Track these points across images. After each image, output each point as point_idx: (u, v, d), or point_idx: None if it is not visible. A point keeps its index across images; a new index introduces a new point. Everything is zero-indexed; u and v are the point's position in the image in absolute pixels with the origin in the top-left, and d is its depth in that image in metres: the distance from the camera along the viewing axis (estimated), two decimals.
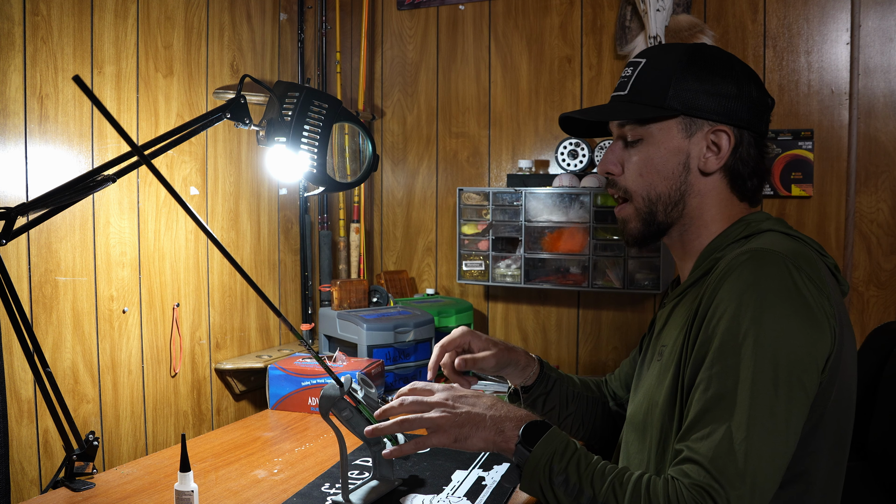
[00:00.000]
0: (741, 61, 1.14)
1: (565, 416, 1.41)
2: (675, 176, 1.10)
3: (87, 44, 1.78)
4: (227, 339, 2.23)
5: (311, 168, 1.50)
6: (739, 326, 0.92)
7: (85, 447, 1.38)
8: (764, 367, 0.90)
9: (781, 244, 0.99)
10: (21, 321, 1.30)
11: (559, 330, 2.41)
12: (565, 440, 1.01)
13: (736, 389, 0.90)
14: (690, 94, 1.08)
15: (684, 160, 1.09)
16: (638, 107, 1.10)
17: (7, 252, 1.59)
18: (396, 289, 2.54)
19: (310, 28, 2.57)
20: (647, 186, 1.11)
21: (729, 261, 0.97)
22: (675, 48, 1.13)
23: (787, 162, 2.08)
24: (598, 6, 2.30)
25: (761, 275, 0.93)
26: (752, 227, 1.08)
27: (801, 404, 0.91)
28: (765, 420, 0.89)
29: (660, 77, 1.09)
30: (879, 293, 2.03)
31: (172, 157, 2.03)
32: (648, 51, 1.16)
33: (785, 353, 0.90)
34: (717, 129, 1.08)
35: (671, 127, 1.09)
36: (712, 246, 1.09)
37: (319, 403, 1.21)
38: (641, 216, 1.12)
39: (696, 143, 1.09)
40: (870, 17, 2.00)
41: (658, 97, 1.09)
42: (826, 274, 1.00)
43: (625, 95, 1.13)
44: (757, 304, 0.92)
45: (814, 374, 0.92)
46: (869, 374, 1.26)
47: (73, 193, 1.31)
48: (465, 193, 2.37)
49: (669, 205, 1.11)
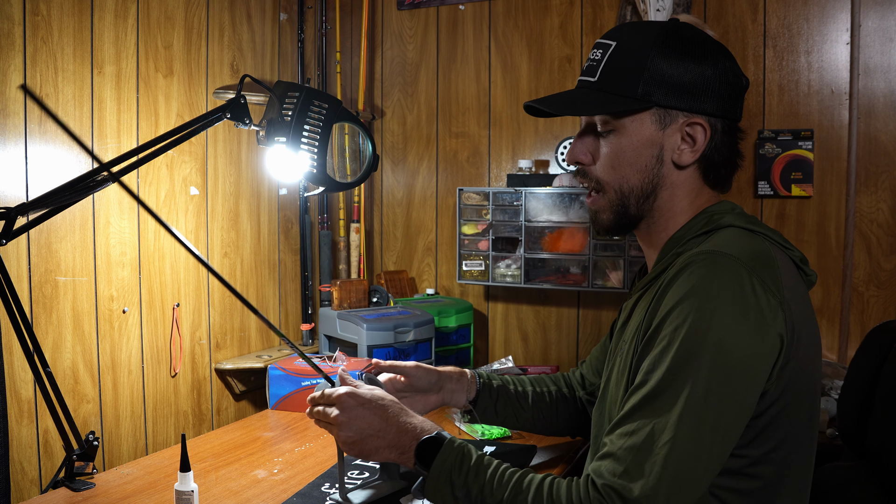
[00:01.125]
0: (715, 40, 1.07)
1: (525, 418, 1.41)
2: (647, 169, 1.05)
3: (87, 44, 1.78)
4: (227, 339, 2.23)
5: (311, 168, 1.50)
6: (680, 330, 0.90)
7: (85, 447, 1.38)
8: (699, 373, 0.88)
9: (739, 244, 0.96)
10: (21, 321, 1.30)
11: (559, 330, 2.41)
12: (460, 452, 1.01)
13: (667, 391, 0.89)
14: (664, 82, 1.02)
15: (657, 153, 1.05)
16: (608, 97, 1.04)
17: (7, 252, 1.59)
18: (396, 289, 2.54)
19: (310, 28, 2.57)
20: (620, 179, 1.06)
21: (682, 262, 0.95)
22: (647, 28, 1.05)
23: (787, 162, 2.08)
24: (598, 6, 2.30)
25: (710, 279, 0.91)
26: (714, 220, 1.04)
27: (735, 413, 0.89)
28: (692, 425, 0.87)
29: (631, 64, 1.03)
30: (879, 293, 2.03)
31: (172, 157, 2.03)
32: (618, 31, 1.08)
33: (723, 361, 0.88)
34: (692, 121, 1.03)
35: (644, 119, 1.04)
36: (673, 239, 1.07)
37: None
38: (613, 208, 1.08)
39: (671, 134, 1.04)
40: (870, 17, 2.00)
41: (630, 87, 1.02)
42: (787, 270, 0.98)
43: (594, 83, 1.06)
44: (700, 309, 0.90)
45: (753, 383, 0.90)
46: (868, 373, 1.26)
47: (73, 193, 1.31)
48: (465, 193, 2.37)
49: (641, 197, 1.07)
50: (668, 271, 0.98)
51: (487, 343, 2.51)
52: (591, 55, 1.08)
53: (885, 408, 1.20)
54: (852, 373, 1.30)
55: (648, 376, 0.92)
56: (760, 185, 2.11)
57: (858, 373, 1.28)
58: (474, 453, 1.02)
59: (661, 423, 0.88)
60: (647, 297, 1.03)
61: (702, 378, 0.88)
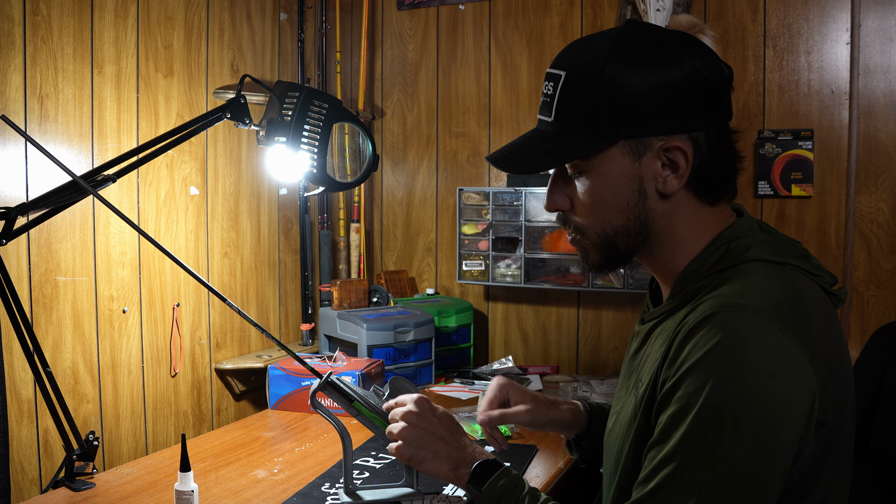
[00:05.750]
0: (681, 33, 0.95)
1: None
2: (630, 206, 0.94)
3: (87, 44, 1.78)
4: (227, 339, 2.23)
5: (311, 168, 1.50)
6: (699, 393, 0.82)
7: (85, 447, 1.37)
8: (724, 441, 0.81)
9: (765, 289, 0.87)
10: (21, 321, 1.30)
11: (559, 330, 2.41)
12: (515, 481, 1.03)
13: (688, 465, 0.82)
14: (628, 107, 0.89)
15: (637, 186, 0.93)
16: (567, 140, 0.93)
17: (7, 252, 1.59)
18: (396, 289, 2.54)
19: (310, 28, 2.57)
20: (602, 222, 0.96)
21: (703, 311, 0.86)
22: (598, 43, 0.92)
23: (787, 162, 2.08)
24: (598, 6, 2.30)
25: (735, 337, 0.82)
26: (734, 254, 0.93)
27: (762, 485, 0.82)
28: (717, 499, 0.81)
29: (586, 94, 0.91)
30: (879, 293, 2.03)
31: (172, 157, 2.03)
32: (567, 55, 0.95)
33: (749, 426, 0.81)
34: (668, 144, 0.91)
35: (614, 155, 0.92)
36: (689, 271, 0.96)
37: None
38: (600, 249, 0.98)
39: (648, 164, 0.92)
40: (870, 17, 2.00)
41: (590, 122, 0.91)
42: (818, 308, 0.90)
43: (550, 123, 0.95)
44: (723, 370, 0.82)
45: (782, 449, 0.82)
46: (872, 374, 1.26)
47: (73, 193, 1.31)
48: (465, 193, 2.37)
49: (630, 235, 0.96)
50: (689, 316, 0.89)
51: (487, 343, 2.51)
52: (545, 89, 0.96)
53: (889, 409, 1.20)
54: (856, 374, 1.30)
55: (667, 440, 0.85)
56: (760, 185, 2.11)
57: (862, 374, 1.28)
58: (527, 485, 1.04)
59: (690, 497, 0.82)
60: (662, 335, 0.95)
61: (727, 450, 0.81)
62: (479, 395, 2.01)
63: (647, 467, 0.87)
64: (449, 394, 2.04)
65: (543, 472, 1.45)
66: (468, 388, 2.09)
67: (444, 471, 1.10)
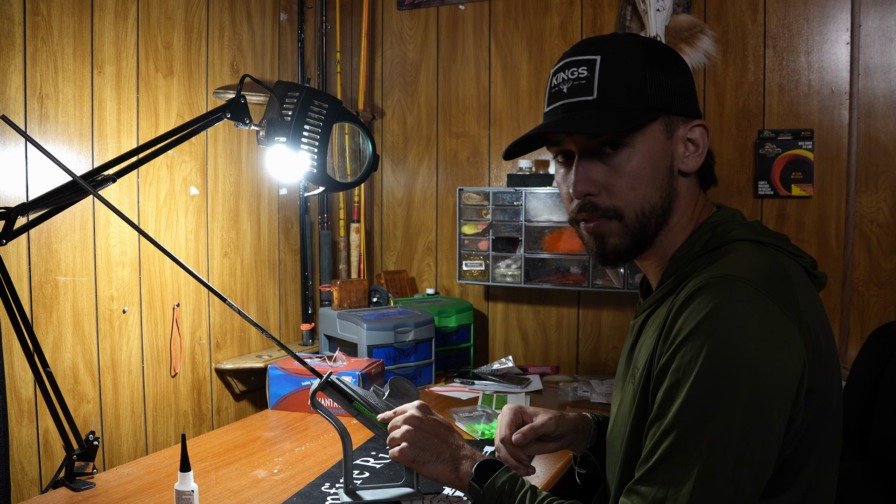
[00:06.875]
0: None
1: None
2: (665, 182, 0.99)
3: (87, 44, 1.78)
4: (228, 339, 2.23)
5: (311, 168, 1.50)
6: (695, 362, 0.85)
7: (85, 447, 1.37)
8: (722, 409, 0.83)
9: (751, 263, 0.91)
10: (21, 321, 1.30)
11: (559, 330, 2.41)
12: (515, 478, 1.05)
13: (690, 434, 0.84)
14: (664, 89, 0.98)
15: (669, 163, 0.99)
16: (618, 113, 0.97)
17: (7, 252, 1.59)
18: (396, 289, 2.54)
19: (310, 28, 2.57)
20: (642, 200, 0.98)
21: (693, 286, 0.90)
22: (630, 42, 1.00)
23: (788, 162, 2.08)
24: (598, 6, 2.30)
25: (726, 306, 0.86)
26: (719, 235, 0.98)
27: (762, 448, 0.84)
28: (719, 469, 0.83)
29: (632, 74, 0.97)
30: (879, 293, 2.03)
31: (172, 157, 2.03)
32: (595, 45, 1.00)
33: (745, 392, 0.83)
34: (693, 124, 1.01)
35: (655, 129, 0.98)
36: (678, 256, 1.00)
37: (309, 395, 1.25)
38: (632, 233, 0.99)
39: (676, 143, 1.00)
40: (870, 17, 2.00)
41: (639, 98, 0.97)
42: (801, 283, 0.94)
43: (593, 101, 0.98)
44: (717, 338, 0.84)
45: (779, 413, 0.85)
46: (871, 373, 1.26)
47: (73, 193, 1.31)
48: (466, 193, 2.37)
49: (661, 215, 1.00)
50: (678, 295, 0.92)
51: (487, 343, 2.51)
52: (570, 74, 1.00)
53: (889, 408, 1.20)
54: (855, 373, 1.30)
55: (665, 414, 0.87)
56: (760, 185, 2.11)
57: (861, 373, 1.28)
58: (527, 483, 1.05)
59: (682, 474, 0.84)
60: (655, 322, 0.98)
61: (725, 414, 0.83)
62: (478, 394, 2.01)
63: (648, 444, 0.89)
64: (449, 394, 2.04)
65: (543, 473, 1.45)
66: (468, 388, 2.09)
67: (446, 472, 1.11)
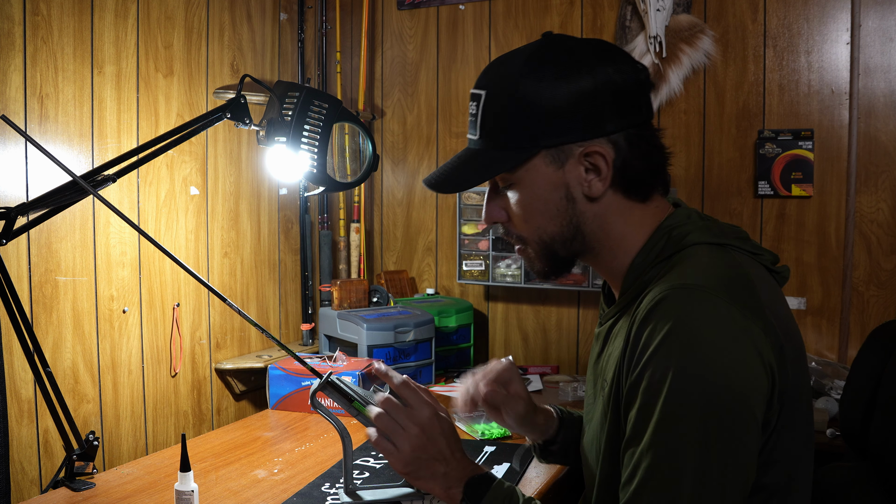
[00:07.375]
0: (597, 41, 0.99)
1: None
2: (561, 212, 0.98)
3: (87, 44, 1.78)
4: (228, 339, 2.23)
5: (311, 168, 1.50)
6: (664, 381, 0.83)
7: (85, 447, 1.38)
8: (695, 424, 0.82)
9: (710, 269, 0.90)
10: (21, 321, 1.30)
11: (559, 330, 2.41)
12: (509, 493, 1.01)
13: (667, 453, 0.84)
14: (544, 117, 0.94)
15: (564, 193, 0.97)
16: (492, 156, 0.97)
17: (7, 252, 1.59)
18: (396, 289, 2.54)
19: (310, 28, 2.57)
20: (538, 230, 1.00)
21: (652, 298, 0.88)
22: (513, 60, 0.97)
23: (788, 162, 2.08)
24: (598, 6, 2.30)
25: (688, 318, 0.84)
26: (675, 239, 0.96)
27: (741, 456, 0.83)
28: (702, 483, 0.82)
29: (504, 110, 0.96)
30: (879, 293, 2.03)
31: (172, 157, 2.03)
32: (486, 74, 1.00)
33: (718, 404, 0.82)
34: (588, 150, 0.95)
35: (537, 164, 0.96)
36: (635, 264, 0.99)
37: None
38: (542, 256, 1.02)
39: (571, 170, 0.96)
40: (870, 17, 2.00)
41: (510, 136, 0.96)
42: (762, 283, 0.93)
43: (475, 141, 1.00)
44: (682, 353, 0.83)
45: (753, 420, 0.84)
46: (870, 373, 1.25)
47: (73, 193, 1.31)
48: (465, 193, 2.37)
49: (566, 241, 1.00)
50: (639, 307, 0.91)
51: (487, 343, 2.51)
52: (470, 108, 1.01)
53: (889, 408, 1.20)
54: (854, 373, 1.30)
55: (640, 434, 0.86)
56: (760, 185, 2.11)
57: (861, 373, 1.28)
58: (521, 496, 1.01)
59: (669, 493, 0.83)
60: (621, 332, 0.96)
61: (701, 428, 0.82)
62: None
63: (627, 467, 0.88)
64: (449, 394, 2.04)
65: (543, 473, 1.45)
66: None
67: (437, 490, 1.05)
